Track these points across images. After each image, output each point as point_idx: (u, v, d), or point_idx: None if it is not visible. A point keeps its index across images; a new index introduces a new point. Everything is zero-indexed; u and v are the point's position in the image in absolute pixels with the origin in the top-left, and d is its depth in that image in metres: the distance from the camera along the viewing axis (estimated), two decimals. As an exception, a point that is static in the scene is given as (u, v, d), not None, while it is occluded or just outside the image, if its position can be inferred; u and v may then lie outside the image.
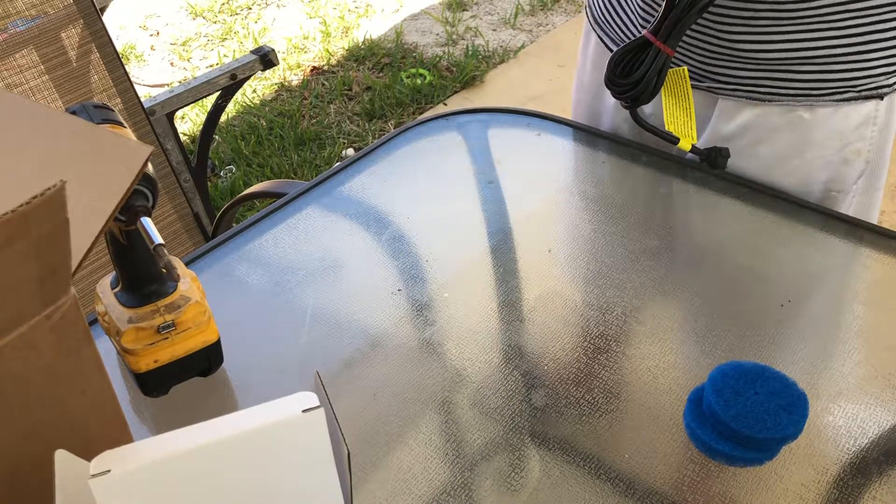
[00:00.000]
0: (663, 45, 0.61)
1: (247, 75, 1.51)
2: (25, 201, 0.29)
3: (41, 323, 0.34)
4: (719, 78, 0.77)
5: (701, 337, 0.64)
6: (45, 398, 0.36)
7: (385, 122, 2.57)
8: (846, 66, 0.72)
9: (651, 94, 0.63)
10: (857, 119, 0.75)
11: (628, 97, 0.63)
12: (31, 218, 0.30)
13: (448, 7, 3.27)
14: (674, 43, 0.61)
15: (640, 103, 0.64)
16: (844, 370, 0.61)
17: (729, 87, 0.77)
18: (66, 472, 0.34)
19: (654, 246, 0.73)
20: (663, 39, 0.61)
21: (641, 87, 0.62)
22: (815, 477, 0.53)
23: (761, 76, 0.75)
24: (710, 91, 0.78)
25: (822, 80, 0.73)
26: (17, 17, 1.17)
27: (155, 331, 0.56)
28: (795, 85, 0.74)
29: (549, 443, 0.56)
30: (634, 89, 0.62)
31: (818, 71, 0.72)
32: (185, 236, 1.39)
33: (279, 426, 0.36)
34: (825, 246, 0.73)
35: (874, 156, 0.78)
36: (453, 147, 0.90)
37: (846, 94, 0.73)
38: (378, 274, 0.72)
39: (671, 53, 0.62)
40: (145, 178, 0.51)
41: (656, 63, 0.62)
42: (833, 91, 0.73)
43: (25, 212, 0.30)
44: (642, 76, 0.62)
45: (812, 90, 0.74)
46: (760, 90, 0.75)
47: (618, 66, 0.64)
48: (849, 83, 0.73)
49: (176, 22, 3.30)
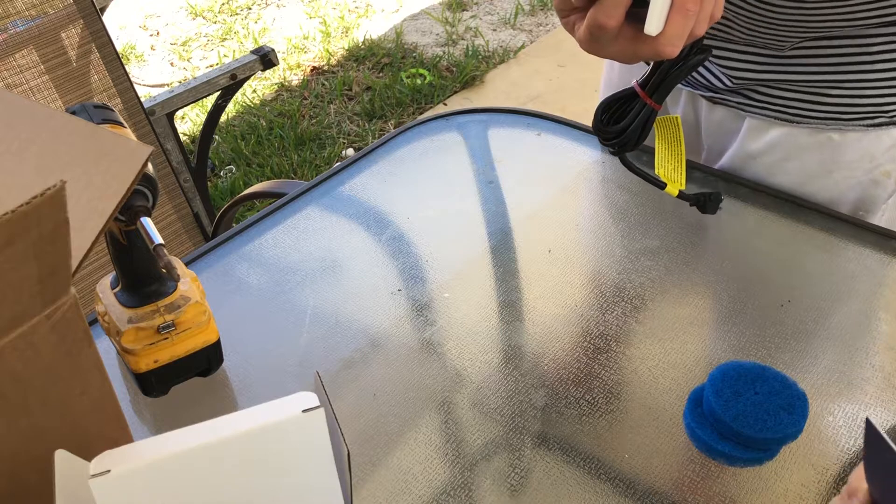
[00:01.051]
0: (649, 100, 0.61)
1: (247, 75, 1.51)
2: (25, 201, 0.29)
3: (41, 323, 0.34)
4: (750, 95, 0.76)
5: (701, 337, 0.64)
6: (45, 398, 0.36)
7: (385, 122, 2.57)
8: (878, 91, 0.70)
9: (635, 145, 0.64)
10: (889, 142, 0.73)
11: (613, 144, 0.64)
12: (32, 218, 0.30)
13: (448, 7, 3.27)
14: (660, 98, 0.62)
15: (625, 151, 0.64)
16: (844, 370, 0.61)
17: (758, 106, 0.76)
18: (66, 472, 0.34)
19: (654, 246, 0.73)
20: (650, 94, 0.61)
21: (625, 137, 0.63)
22: (815, 477, 0.53)
23: (791, 97, 0.74)
24: (740, 108, 0.78)
25: (853, 105, 0.72)
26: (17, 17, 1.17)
27: (155, 331, 0.56)
28: (826, 108, 0.73)
29: (549, 443, 0.56)
30: (619, 138, 0.63)
31: (849, 96, 0.71)
32: (185, 236, 1.39)
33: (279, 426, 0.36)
34: (825, 246, 0.73)
35: None
36: (453, 147, 0.90)
37: (877, 119, 0.72)
38: (378, 274, 0.72)
39: (657, 108, 0.62)
40: (145, 178, 0.51)
41: (641, 116, 0.62)
42: (864, 116, 0.72)
43: (26, 212, 0.30)
44: (626, 127, 0.63)
45: (842, 114, 0.72)
46: (790, 111, 0.74)
47: (605, 114, 0.65)
48: (880, 108, 0.71)
49: (176, 22, 3.30)
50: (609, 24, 0.52)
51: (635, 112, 0.62)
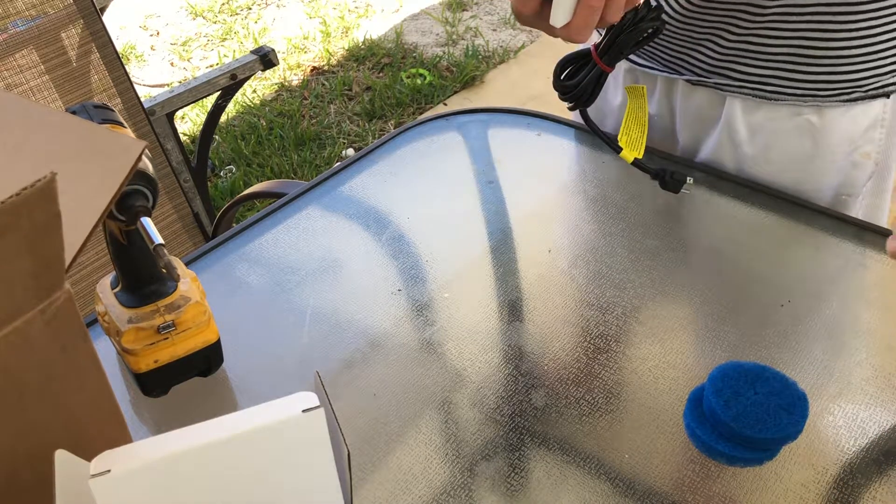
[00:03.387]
0: (600, 61, 0.67)
1: (247, 75, 1.51)
2: (16, 193, 0.29)
3: (36, 318, 0.34)
4: (727, 74, 0.77)
5: (701, 337, 0.64)
6: (40, 394, 0.36)
7: (385, 122, 2.57)
8: (853, 65, 0.72)
9: (587, 102, 0.69)
10: (866, 122, 0.75)
11: (567, 98, 0.70)
12: (23, 209, 0.30)
13: (448, 7, 3.27)
14: (610, 61, 0.66)
15: (578, 106, 0.69)
16: (844, 370, 0.61)
17: (736, 84, 0.77)
18: (66, 472, 0.34)
19: (654, 246, 0.73)
20: (601, 56, 0.66)
21: (578, 92, 0.68)
22: (815, 477, 0.53)
23: (768, 74, 0.75)
24: (718, 88, 0.78)
25: (829, 80, 0.73)
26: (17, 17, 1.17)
27: (155, 331, 0.56)
28: (802, 84, 0.74)
29: (549, 443, 0.56)
30: (572, 93, 0.69)
31: (825, 71, 0.73)
32: (185, 236, 1.39)
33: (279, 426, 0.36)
34: (825, 246, 0.73)
35: (882, 157, 0.78)
36: (453, 147, 0.90)
37: (853, 93, 0.73)
38: (378, 274, 0.72)
39: (607, 70, 0.67)
40: (145, 179, 0.51)
41: (592, 75, 0.67)
42: (840, 91, 0.73)
43: (16, 203, 0.29)
44: (579, 83, 0.68)
45: (819, 90, 0.74)
46: (767, 88, 0.76)
47: (562, 71, 0.70)
48: (855, 83, 0.73)
49: (176, 22, 3.30)
50: (524, 11, 0.58)
51: (587, 71, 0.68)
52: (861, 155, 0.77)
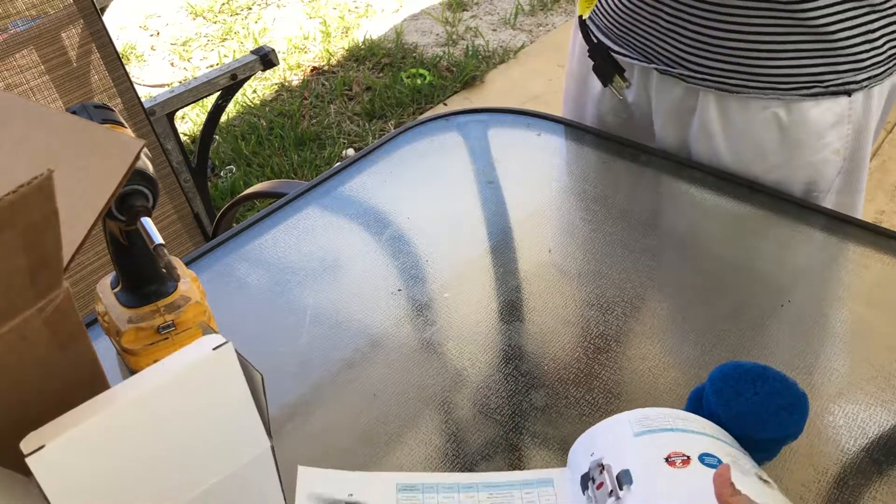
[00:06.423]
0: None
1: (247, 75, 1.51)
2: (12, 190, 0.29)
3: (34, 316, 0.34)
4: (690, 66, 0.78)
5: (701, 337, 0.64)
6: (39, 393, 0.36)
7: (385, 122, 2.57)
8: (813, 61, 0.73)
9: None
10: (832, 118, 0.76)
11: None
12: (19, 207, 0.30)
13: (448, 7, 3.27)
14: None
15: None
16: (844, 370, 0.61)
17: (699, 76, 0.78)
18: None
19: (654, 246, 0.73)
20: None
21: None
22: (815, 477, 0.53)
23: (730, 67, 0.76)
24: (682, 79, 0.80)
25: (789, 75, 0.74)
26: (17, 17, 1.17)
27: (155, 331, 0.56)
28: (763, 78, 0.75)
29: (549, 443, 0.56)
30: None
31: (786, 66, 0.74)
32: (185, 236, 1.39)
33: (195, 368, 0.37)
34: (825, 246, 0.73)
35: (851, 154, 0.79)
36: (453, 147, 0.90)
37: (813, 88, 0.74)
38: (378, 274, 0.72)
39: None
40: (145, 179, 0.51)
41: None
42: (800, 85, 0.74)
43: (13, 200, 0.29)
44: None
45: (780, 84, 0.75)
46: (729, 81, 0.77)
47: None
48: (815, 78, 0.74)
49: (176, 22, 3.30)
50: None
51: None
52: (831, 152, 0.78)
